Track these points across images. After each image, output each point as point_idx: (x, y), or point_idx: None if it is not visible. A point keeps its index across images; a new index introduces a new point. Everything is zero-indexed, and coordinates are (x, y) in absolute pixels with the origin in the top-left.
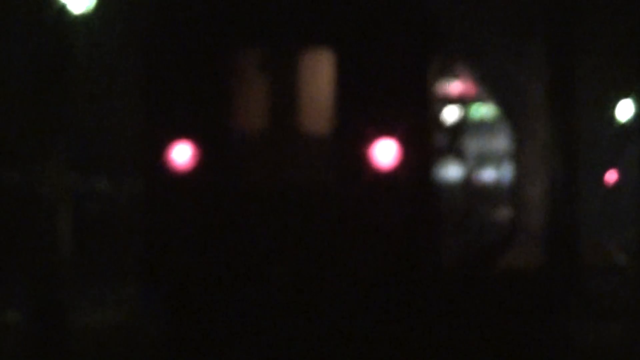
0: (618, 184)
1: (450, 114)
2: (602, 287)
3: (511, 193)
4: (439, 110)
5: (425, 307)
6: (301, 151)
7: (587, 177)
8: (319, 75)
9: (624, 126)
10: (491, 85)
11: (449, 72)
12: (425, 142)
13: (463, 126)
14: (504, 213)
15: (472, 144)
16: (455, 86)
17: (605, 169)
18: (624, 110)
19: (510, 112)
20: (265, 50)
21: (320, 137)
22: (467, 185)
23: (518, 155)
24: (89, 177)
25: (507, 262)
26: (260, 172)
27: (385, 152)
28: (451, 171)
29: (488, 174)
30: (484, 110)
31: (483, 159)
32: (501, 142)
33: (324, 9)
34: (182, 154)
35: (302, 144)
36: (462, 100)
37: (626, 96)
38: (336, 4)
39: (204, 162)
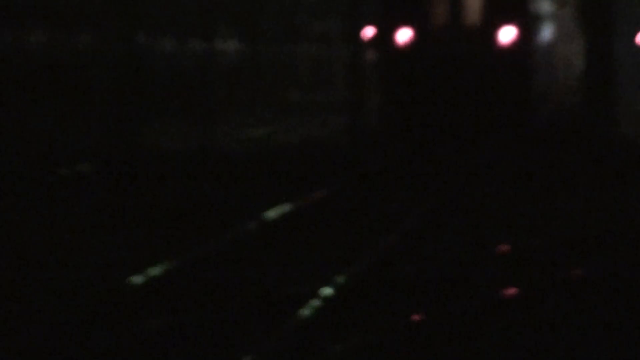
0: None
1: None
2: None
3: (553, 51)
4: (536, 10)
5: (525, 117)
6: (465, 33)
7: (621, 37)
8: None
9: None
10: None
11: None
12: (528, 27)
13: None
14: (552, 67)
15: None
16: None
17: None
18: None
19: None
20: None
21: (475, 26)
22: (538, 48)
23: (559, 19)
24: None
25: (556, 102)
26: (445, 46)
27: (508, 33)
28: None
29: (541, 37)
30: None
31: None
32: (546, 7)
33: None
34: (404, 35)
35: (466, 30)
36: None
37: None
38: None
39: (416, 39)
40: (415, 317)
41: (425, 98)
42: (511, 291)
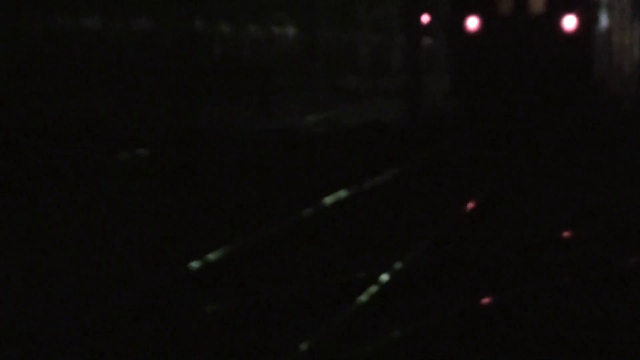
0: None
1: None
2: None
3: (610, 39)
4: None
5: (587, 89)
6: (530, 21)
7: None
8: None
9: None
10: None
11: None
12: (588, 16)
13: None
14: (609, 55)
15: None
16: None
17: None
18: None
19: None
20: None
21: (539, 14)
22: (598, 36)
23: (616, 6)
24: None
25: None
26: (510, 30)
27: (570, 21)
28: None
29: (600, 24)
30: None
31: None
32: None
33: None
34: (472, 23)
35: (530, 18)
36: None
37: None
38: None
39: (483, 26)
40: (484, 301)
41: (493, 83)
42: (568, 278)
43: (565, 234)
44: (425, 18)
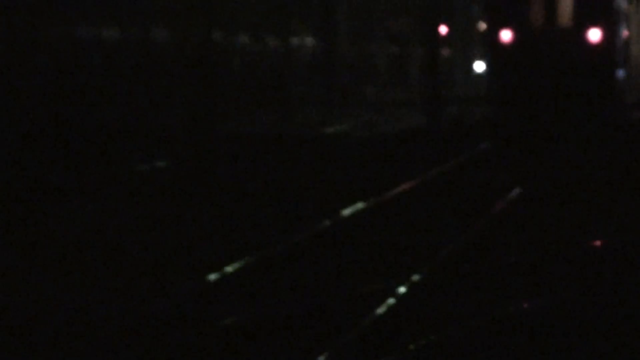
0: None
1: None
2: None
3: (627, 49)
4: (617, 12)
5: (609, 84)
6: (558, 34)
7: None
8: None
9: None
10: None
11: None
12: (611, 29)
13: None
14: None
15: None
16: None
17: None
18: None
19: None
20: None
21: (567, 28)
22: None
23: (631, 15)
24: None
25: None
26: (541, 42)
27: (595, 34)
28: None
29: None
30: None
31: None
32: (623, 4)
33: None
34: (506, 35)
35: (559, 31)
36: None
37: None
38: None
39: (516, 39)
40: (523, 304)
41: (525, 90)
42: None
43: (596, 243)
44: (443, 29)
